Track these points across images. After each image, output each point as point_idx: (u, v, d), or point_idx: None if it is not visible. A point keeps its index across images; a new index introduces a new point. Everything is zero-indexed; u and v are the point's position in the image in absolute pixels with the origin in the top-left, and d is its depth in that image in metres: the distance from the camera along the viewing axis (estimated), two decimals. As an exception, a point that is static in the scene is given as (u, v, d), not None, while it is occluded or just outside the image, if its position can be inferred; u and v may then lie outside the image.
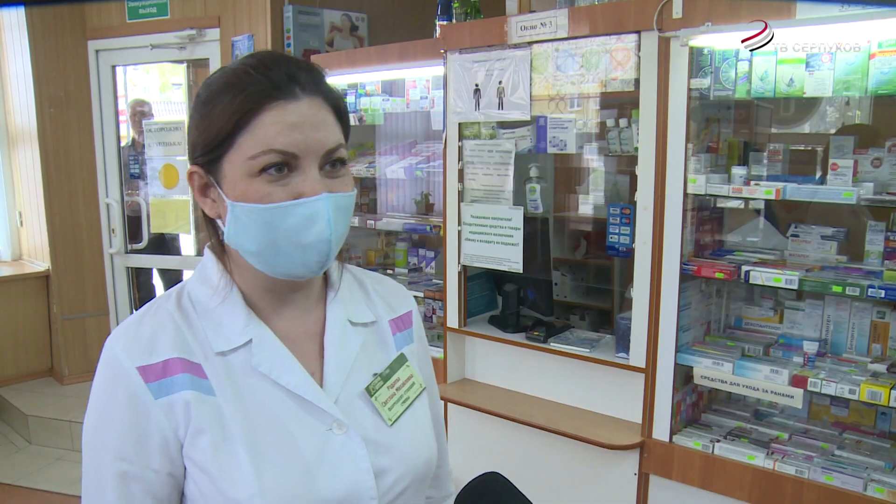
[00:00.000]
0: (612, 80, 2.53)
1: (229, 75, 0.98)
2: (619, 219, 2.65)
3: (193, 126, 1.01)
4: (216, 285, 1.05)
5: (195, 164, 1.01)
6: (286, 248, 0.97)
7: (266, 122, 0.94)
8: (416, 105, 3.43)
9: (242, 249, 1.00)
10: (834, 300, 2.46)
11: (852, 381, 2.21)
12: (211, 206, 1.03)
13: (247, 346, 1.03)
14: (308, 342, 1.09)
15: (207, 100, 0.98)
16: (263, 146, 0.94)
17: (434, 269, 3.74)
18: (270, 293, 1.06)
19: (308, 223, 0.96)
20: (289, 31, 4.05)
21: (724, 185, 2.39)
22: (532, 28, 2.68)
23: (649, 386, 2.55)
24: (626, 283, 3.05)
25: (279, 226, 0.96)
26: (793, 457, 2.35)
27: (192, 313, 1.04)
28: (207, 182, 1.01)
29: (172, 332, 1.01)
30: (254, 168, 0.95)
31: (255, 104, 0.94)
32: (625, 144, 2.67)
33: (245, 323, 1.03)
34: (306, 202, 0.96)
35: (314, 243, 0.97)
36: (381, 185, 4.02)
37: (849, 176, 2.20)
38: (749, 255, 2.56)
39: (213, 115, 0.96)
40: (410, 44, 3.23)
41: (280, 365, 1.03)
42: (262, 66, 0.97)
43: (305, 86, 0.97)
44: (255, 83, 0.95)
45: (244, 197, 0.96)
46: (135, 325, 1.02)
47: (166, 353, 0.99)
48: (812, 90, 2.20)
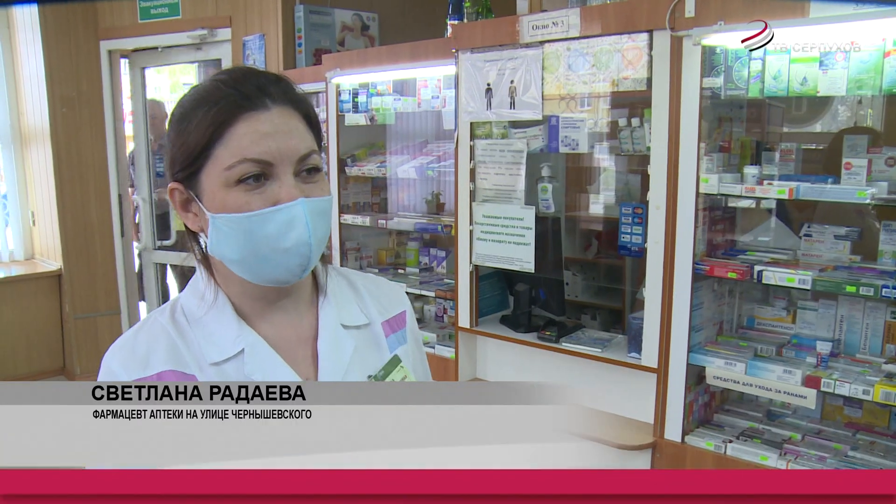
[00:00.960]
0: (624, 80, 2.52)
1: (201, 92, 1.01)
2: (632, 218, 2.64)
3: (170, 143, 1.02)
4: (205, 297, 1.06)
5: (175, 180, 1.03)
6: (267, 254, 0.99)
7: (239, 133, 0.96)
8: (427, 104, 3.43)
9: (226, 259, 1.02)
10: (847, 300, 2.45)
11: (866, 382, 2.20)
12: (193, 220, 1.04)
13: (239, 355, 1.03)
14: (301, 347, 1.09)
15: (182, 117, 1.00)
16: (238, 156, 0.96)
17: (445, 268, 3.74)
18: (259, 300, 1.07)
19: (287, 228, 0.98)
20: (300, 30, 4.06)
21: (737, 185, 2.38)
22: (544, 27, 2.68)
23: (661, 386, 2.54)
24: (638, 282, 3.04)
25: (259, 233, 0.98)
26: (806, 457, 2.34)
27: (186, 325, 1.05)
28: (188, 197, 1.03)
29: (166, 345, 1.02)
30: (230, 178, 0.97)
31: (227, 116, 0.97)
32: (637, 144, 2.66)
33: (237, 332, 1.04)
34: (283, 207, 0.97)
35: (294, 247, 0.99)
36: (392, 185, 4.02)
37: (863, 175, 2.19)
38: (761, 255, 2.55)
39: (189, 131, 0.98)
40: (422, 43, 3.23)
41: (273, 373, 1.03)
42: (231, 80, 1.00)
43: (275, 96, 0.99)
44: (226, 96, 0.97)
45: (223, 208, 0.98)
46: (130, 339, 1.04)
47: (160, 366, 1.00)
48: (826, 89, 2.19)
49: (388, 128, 3.91)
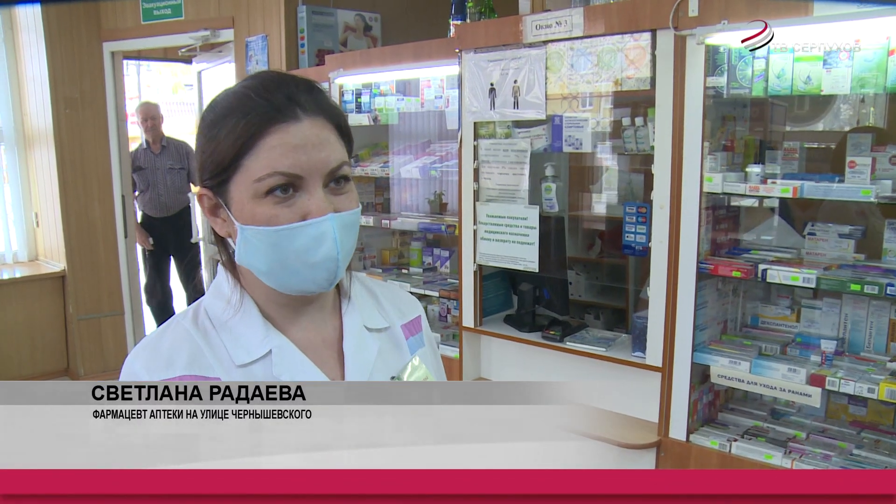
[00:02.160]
0: (627, 79, 2.53)
1: (231, 99, 1.00)
2: (636, 217, 2.64)
3: (200, 149, 1.02)
4: (231, 301, 1.06)
5: (204, 186, 1.02)
6: (295, 267, 0.99)
7: (269, 146, 0.96)
8: (430, 104, 3.43)
9: (253, 269, 1.02)
10: (852, 298, 2.45)
11: (871, 380, 2.20)
12: (221, 225, 1.04)
13: (267, 356, 1.04)
14: (326, 350, 1.10)
15: (213, 123, 1.00)
16: (268, 169, 0.96)
17: (448, 268, 3.74)
18: (285, 307, 1.08)
19: (316, 243, 0.98)
20: (302, 31, 4.06)
21: (741, 184, 2.38)
22: (547, 27, 2.68)
23: (666, 385, 2.54)
24: (641, 282, 3.05)
25: (287, 247, 0.98)
26: (811, 456, 2.34)
27: (211, 328, 1.05)
28: (217, 203, 1.02)
29: (189, 349, 1.02)
30: (259, 190, 0.97)
31: (258, 128, 0.96)
32: (640, 143, 2.67)
33: (263, 334, 1.05)
34: (313, 223, 0.97)
35: (322, 262, 0.99)
36: (395, 185, 4.02)
37: (867, 174, 2.19)
38: (765, 254, 2.55)
39: (219, 139, 0.98)
40: (425, 43, 3.24)
41: (302, 373, 1.04)
42: (262, 88, 0.99)
43: (306, 106, 0.99)
44: (257, 107, 0.97)
45: (252, 219, 0.98)
46: (153, 342, 1.04)
47: (182, 370, 1.00)
48: (829, 88, 2.19)
49: (392, 128, 3.91)
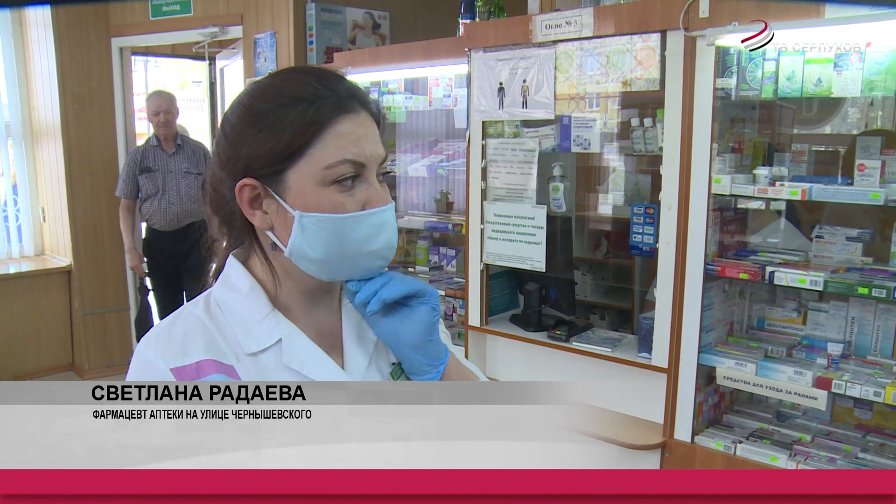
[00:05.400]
0: (636, 80, 2.52)
1: (288, 87, 1.00)
2: (643, 218, 2.64)
3: (246, 139, 1.00)
4: (245, 292, 1.06)
5: (251, 176, 1.00)
6: (353, 256, 1.00)
7: (339, 133, 0.97)
8: (438, 103, 3.44)
9: (305, 257, 1.01)
10: (858, 302, 2.44)
11: (877, 384, 2.20)
12: (262, 217, 1.03)
13: (277, 345, 1.04)
14: (333, 339, 1.11)
15: (266, 112, 0.99)
16: (338, 156, 0.97)
17: (455, 267, 3.75)
18: (305, 295, 1.08)
19: (377, 231, 1.00)
20: (311, 28, 4.07)
21: (749, 186, 2.38)
22: (557, 27, 2.68)
23: (671, 386, 2.54)
24: (647, 283, 3.05)
25: (350, 235, 0.99)
26: (816, 459, 2.34)
27: (222, 318, 1.05)
28: (261, 193, 1.01)
29: (203, 335, 1.02)
30: (328, 178, 0.97)
31: (329, 116, 0.97)
32: (649, 144, 2.67)
33: (273, 323, 1.05)
34: (377, 212, 0.99)
35: (380, 250, 1.01)
36: (402, 183, 4.02)
37: (876, 177, 2.19)
38: (772, 256, 2.55)
39: (281, 127, 0.97)
40: (434, 42, 3.24)
41: (311, 360, 1.05)
42: (324, 79, 1.00)
43: (361, 101, 1.01)
44: (324, 96, 0.98)
45: (317, 207, 0.98)
46: (166, 329, 1.03)
47: (199, 355, 0.99)
48: (840, 90, 2.19)
49: (399, 126, 3.92)
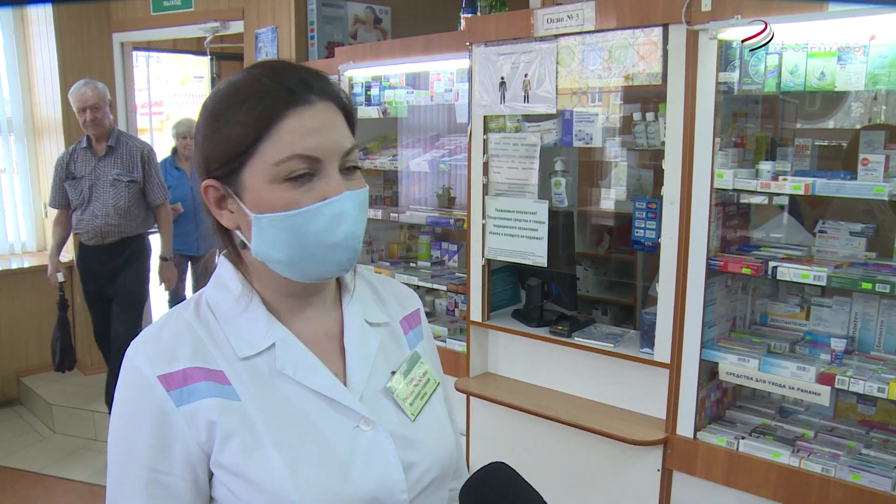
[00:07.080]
0: (638, 74, 2.51)
1: (239, 86, 0.99)
2: (645, 213, 2.63)
3: (205, 140, 1.00)
4: (236, 293, 1.05)
5: (211, 177, 1.00)
6: (315, 251, 0.98)
7: (288, 128, 0.95)
8: (440, 98, 3.42)
9: (271, 259, 1.01)
10: (862, 297, 2.43)
11: (881, 380, 2.19)
12: (228, 217, 1.03)
13: (270, 349, 1.03)
14: (328, 343, 1.10)
15: (220, 112, 0.98)
16: (287, 152, 0.95)
17: (457, 262, 3.74)
18: (290, 297, 1.07)
19: (336, 222, 0.97)
20: (312, 23, 4.06)
21: (752, 180, 2.37)
22: (558, 21, 2.67)
23: (674, 381, 2.53)
24: (649, 278, 3.04)
25: (306, 230, 0.97)
26: (819, 455, 2.33)
27: (213, 321, 1.04)
28: (224, 194, 1.01)
29: (191, 342, 1.01)
30: (279, 174, 0.96)
31: (275, 111, 0.95)
32: (651, 138, 2.65)
33: (267, 327, 1.04)
34: (333, 201, 0.97)
35: (343, 241, 0.99)
36: (404, 178, 4.02)
37: (880, 171, 2.17)
38: (775, 251, 2.54)
39: (231, 126, 0.96)
40: (436, 36, 3.23)
41: (304, 366, 1.04)
42: (273, 73, 0.98)
43: (318, 90, 0.99)
44: (272, 91, 0.96)
45: (270, 206, 0.97)
46: (154, 334, 1.03)
47: (186, 362, 0.99)
48: (843, 84, 2.18)
49: (401, 121, 3.91)
